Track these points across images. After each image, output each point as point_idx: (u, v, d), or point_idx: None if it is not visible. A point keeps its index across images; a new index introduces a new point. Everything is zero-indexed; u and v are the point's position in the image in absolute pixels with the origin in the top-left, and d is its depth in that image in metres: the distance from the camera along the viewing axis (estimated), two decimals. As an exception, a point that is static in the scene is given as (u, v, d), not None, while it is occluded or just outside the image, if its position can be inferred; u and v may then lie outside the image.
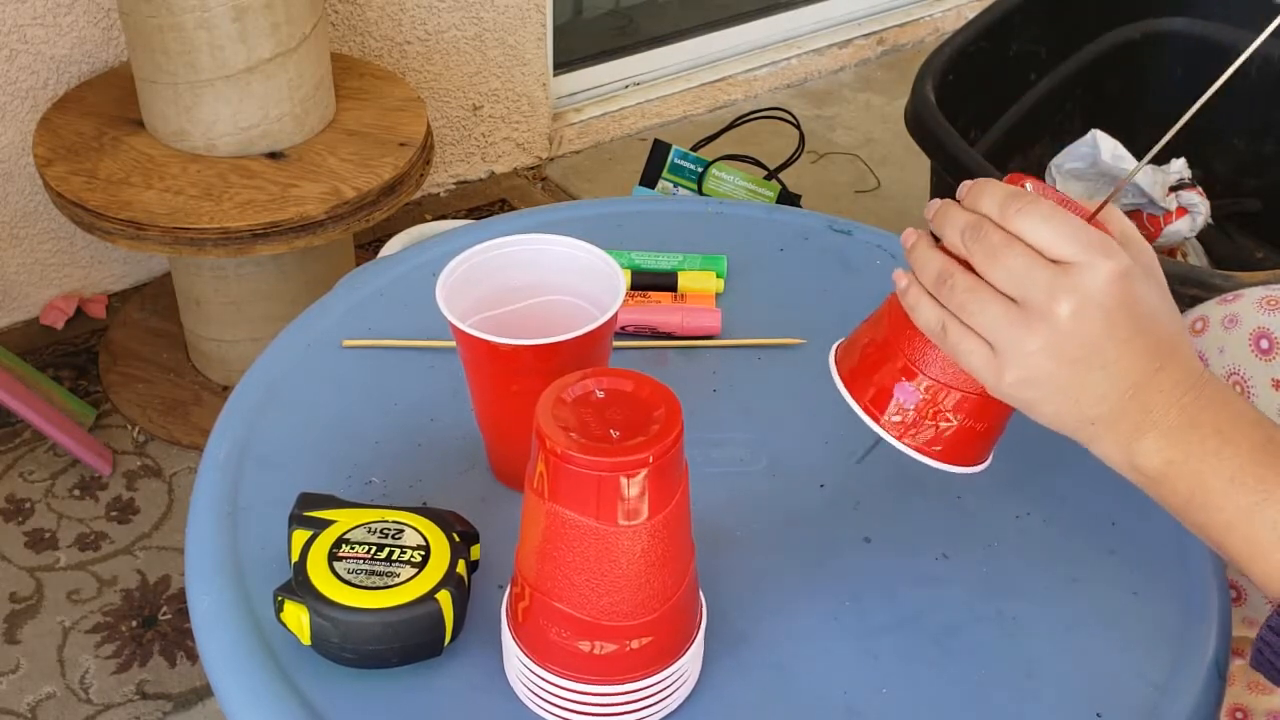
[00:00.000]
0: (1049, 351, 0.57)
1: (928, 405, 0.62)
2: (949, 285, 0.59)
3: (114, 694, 1.36)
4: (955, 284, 0.58)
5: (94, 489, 1.59)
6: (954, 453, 0.63)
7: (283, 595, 0.62)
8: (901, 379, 0.62)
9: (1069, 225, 0.56)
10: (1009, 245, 0.57)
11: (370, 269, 0.93)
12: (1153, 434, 0.58)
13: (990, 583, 0.71)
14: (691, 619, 0.62)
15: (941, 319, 0.59)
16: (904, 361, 0.62)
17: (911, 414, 0.62)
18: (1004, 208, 0.57)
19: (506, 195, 2.21)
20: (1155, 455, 0.58)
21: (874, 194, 2.25)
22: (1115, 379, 0.57)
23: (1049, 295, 0.56)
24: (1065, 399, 0.58)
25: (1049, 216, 0.56)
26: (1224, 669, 0.68)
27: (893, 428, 0.62)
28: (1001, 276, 0.57)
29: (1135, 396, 0.58)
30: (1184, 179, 1.72)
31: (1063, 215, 0.57)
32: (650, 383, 0.57)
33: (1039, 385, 0.58)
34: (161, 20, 1.43)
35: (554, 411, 0.55)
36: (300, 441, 0.78)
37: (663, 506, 0.55)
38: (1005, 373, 0.58)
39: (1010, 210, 0.57)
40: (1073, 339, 0.56)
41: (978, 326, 0.58)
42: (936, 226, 0.61)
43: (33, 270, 1.83)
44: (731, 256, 0.94)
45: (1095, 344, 0.57)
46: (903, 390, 0.62)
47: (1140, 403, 0.58)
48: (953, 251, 0.60)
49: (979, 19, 1.76)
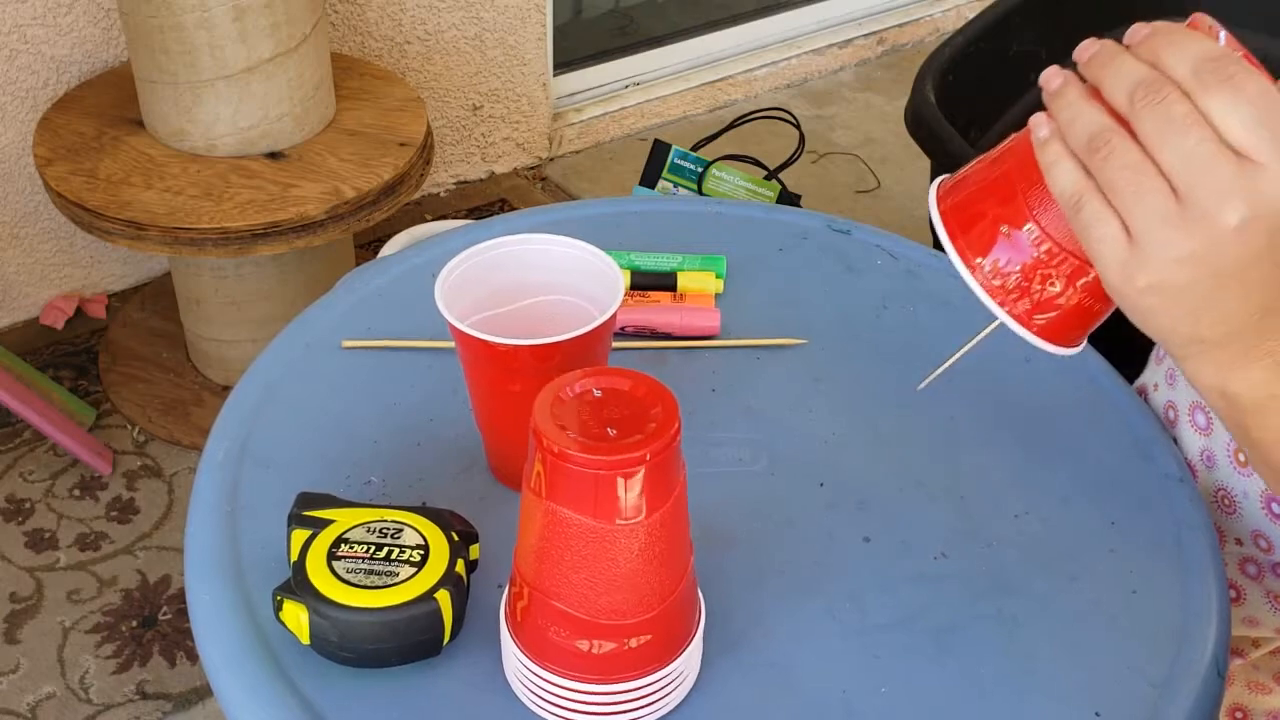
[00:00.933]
0: (1196, 261, 0.49)
1: (1036, 268, 0.53)
2: (1104, 154, 0.49)
3: (114, 694, 1.36)
4: (1113, 154, 0.49)
5: (94, 489, 1.59)
6: (1054, 329, 0.54)
7: (282, 595, 0.62)
8: (1013, 230, 0.52)
9: (1273, 115, 0.47)
10: (1193, 123, 0.47)
11: (370, 269, 0.93)
12: (1264, 363, 0.52)
13: (990, 582, 0.71)
14: (690, 618, 0.62)
15: (1081, 191, 0.50)
16: (1022, 209, 0.52)
17: (1016, 276, 0.53)
18: (1200, 72, 0.48)
19: (506, 195, 2.21)
20: (1260, 386, 0.52)
21: (874, 194, 2.25)
22: (1248, 300, 0.50)
23: (1220, 198, 0.47)
24: (1188, 314, 0.51)
25: (1255, 98, 0.47)
26: (1223, 669, 0.68)
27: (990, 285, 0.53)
28: (1172, 160, 0.48)
29: (1261, 320, 0.51)
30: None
31: (1271, 99, 0.47)
32: (647, 381, 0.57)
33: (1167, 294, 0.50)
34: (161, 20, 1.43)
35: (551, 410, 0.55)
36: (299, 441, 0.78)
37: (660, 504, 0.55)
38: (1138, 274, 0.50)
39: (1209, 77, 0.47)
40: (1228, 253, 0.49)
41: (1124, 211, 0.49)
42: (1095, 74, 0.51)
43: (33, 270, 1.83)
44: (731, 256, 0.94)
45: (1249, 263, 0.49)
46: (1013, 244, 0.53)
47: (1261, 329, 0.51)
48: (1112, 108, 0.50)
49: (979, 19, 1.76)
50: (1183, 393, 0.82)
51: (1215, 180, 0.48)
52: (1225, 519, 0.80)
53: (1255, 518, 0.78)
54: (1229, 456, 0.79)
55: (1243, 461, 0.78)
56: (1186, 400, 0.82)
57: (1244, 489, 0.78)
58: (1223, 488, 0.80)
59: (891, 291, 0.92)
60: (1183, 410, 0.82)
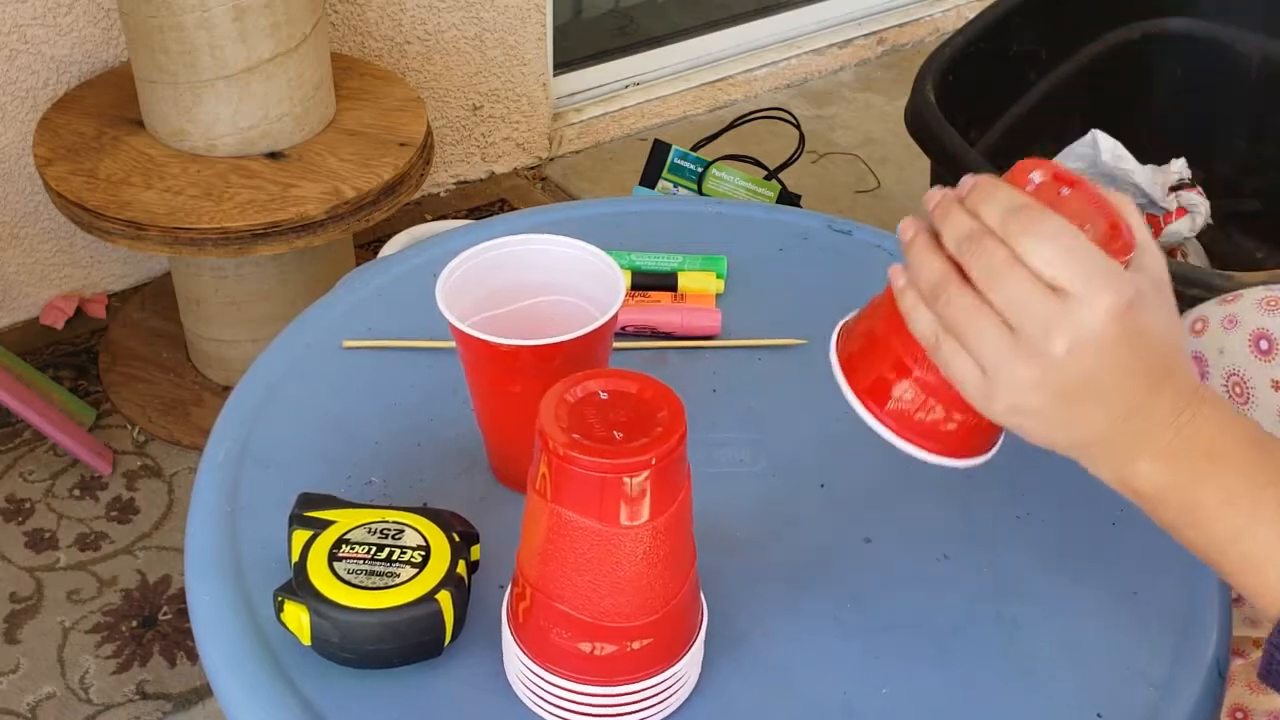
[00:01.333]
0: (1041, 385, 0.54)
1: (927, 403, 0.59)
2: (944, 300, 0.55)
3: (114, 694, 1.36)
4: (950, 299, 0.55)
5: (94, 489, 1.59)
6: (957, 447, 0.60)
7: (283, 595, 0.62)
8: (897, 375, 0.59)
9: (1072, 251, 0.53)
10: (1009, 268, 0.53)
11: (370, 269, 0.93)
12: (1147, 456, 0.56)
13: (991, 583, 0.71)
14: (692, 621, 0.62)
15: (935, 332, 0.56)
16: (901, 357, 0.59)
17: (912, 410, 0.59)
18: (1005, 222, 0.54)
19: (506, 195, 2.21)
20: (1149, 478, 0.57)
21: (874, 194, 2.25)
22: (1109, 408, 0.55)
23: (1045, 330, 0.53)
24: (1057, 428, 0.56)
25: (1053, 237, 0.53)
26: (1224, 669, 0.68)
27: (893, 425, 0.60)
28: (1001, 301, 0.54)
29: (1129, 420, 0.55)
30: (1184, 179, 1.72)
31: (1067, 237, 0.53)
32: (654, 384, 0.57)
33: (1029, 415, 0.56)
34: (161, 20, 1.43)
35: (557, 412, 0.55)
36: (300, 441, 0.78)
37: (665, 508, 0.55)
38: (996, 400, 0.55)
39: (1012, 226, 0.53)
40: (1067, 375, 0.54)
41: (970, 349, 0.55)
42: (936, 224, 0.57)
43: (33, 270, 1.82)
44: (731, 257, 0.94)
45: (1090, 379, 0.54)
46: (899, 386, 0.59)
47: (1134, 427, 0.56)
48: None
49: (979, 19, 1.76)
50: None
51: (1038, 315, 0.53)
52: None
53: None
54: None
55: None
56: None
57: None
58: (1223, 488, 0.79)
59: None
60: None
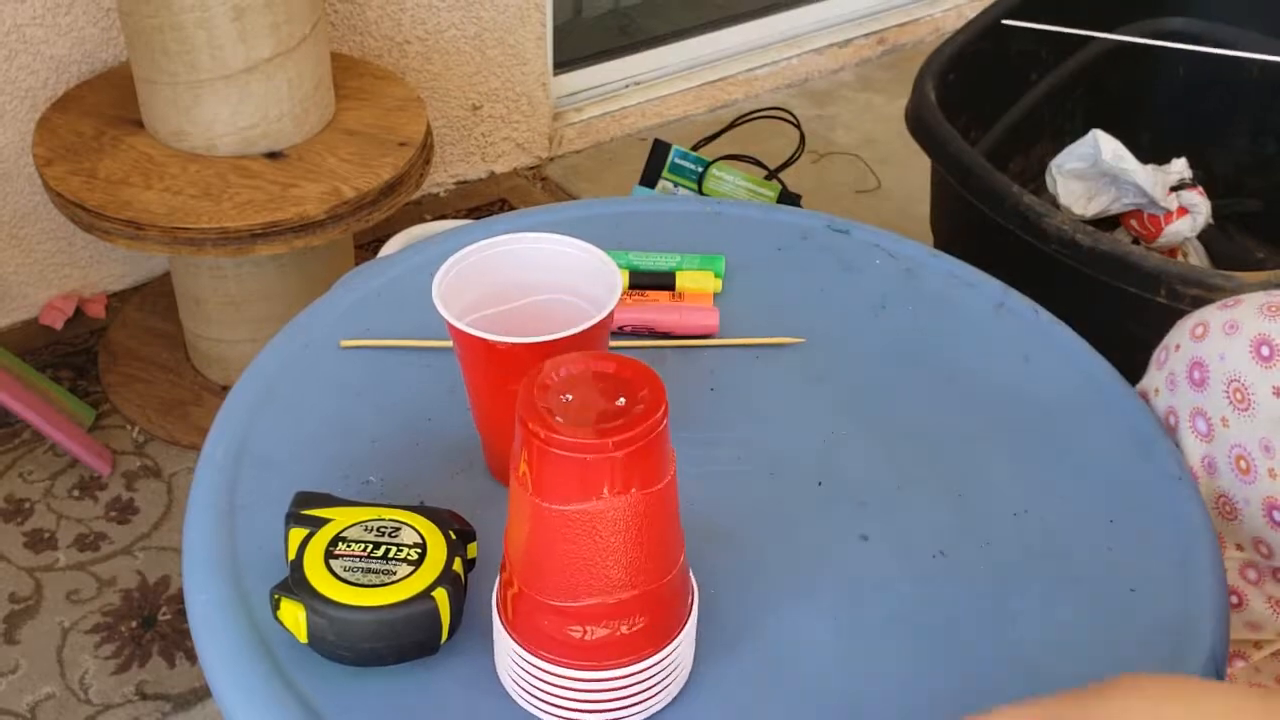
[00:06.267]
0: None
1: None
2: None
3: (113, 694, 1.36)
4: None
5: (93, 489, 1.59)
6: None
7: (279, 593, 0.62)
8: None
9: None
10: None
11: (369, 269, 0.93)
12: None
13: (988, 580, 0.71)
14: (683, 604, 0.62)
15: None
16: None
17: None
18: None
19: (506, 195, 2.21)
20: None
21: (874, 194, 2.25)
22: None
23: None
24: None
25: None
26: (1222, 667, 0.68)
27: None
28: None
29: None
30: (1185, 179, 1.72)
31: None
32: (633, 364, 0.57)
33: None
34: (161, 20, 1.43)
35: (536, 396, 0.56)
36: (298, 441, 0.78)
37: (649, 484, 0.55)
38: None
39: None
40: None
41: None
42: None
43: (32, 270, 1.83)
44: (730, 256, 0.94)
45: None
46: None
47: None
48: None
49: (979, 19, 1.76)
50: (1183, 398, 0.82)
51: None
52: (1226, 525, 0.80)
53: (1256, 524, 0.78)
54: (1230, 463, 0.79)
55: (1244, 469, 0.78)
56: (1187, 406, 0.81)
57: (1245, 496, 0.78)
58: (1224, 494, 0.79)
59: (890, 291, 0.92)
60: (1184, 416, 0.82)
